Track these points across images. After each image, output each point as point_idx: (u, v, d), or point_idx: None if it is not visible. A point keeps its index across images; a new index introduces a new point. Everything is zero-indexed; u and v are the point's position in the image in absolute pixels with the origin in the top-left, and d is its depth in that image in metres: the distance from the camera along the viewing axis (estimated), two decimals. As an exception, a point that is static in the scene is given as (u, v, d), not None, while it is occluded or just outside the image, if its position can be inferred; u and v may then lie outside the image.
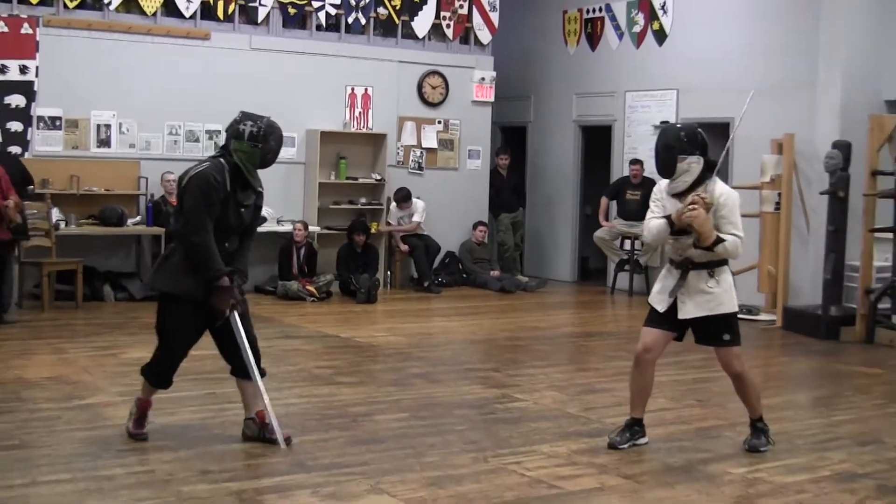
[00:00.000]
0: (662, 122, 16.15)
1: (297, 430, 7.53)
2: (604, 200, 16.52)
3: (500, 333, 12.67)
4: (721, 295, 7.19)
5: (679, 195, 7.10)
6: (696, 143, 7.07)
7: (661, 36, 16.41)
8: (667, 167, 7.10)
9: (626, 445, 7.43)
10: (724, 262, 7.22)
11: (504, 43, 17.80)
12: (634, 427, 7.51)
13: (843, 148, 12.85)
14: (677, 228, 7.02)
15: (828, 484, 6.82)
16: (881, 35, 13.58)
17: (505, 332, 12.74)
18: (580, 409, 8.60)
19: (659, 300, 7.30)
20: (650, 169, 16.19)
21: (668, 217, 7.06)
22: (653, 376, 7.45)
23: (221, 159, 6.99)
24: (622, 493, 6.45)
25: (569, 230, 18.09)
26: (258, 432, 7.22)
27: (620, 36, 17.12)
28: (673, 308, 7.24)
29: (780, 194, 13.75)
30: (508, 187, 17.60)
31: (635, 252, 16.19)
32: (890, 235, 12.53)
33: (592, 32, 17.58)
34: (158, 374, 7.16)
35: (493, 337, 12.45)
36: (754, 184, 14.02)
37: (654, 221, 7.16)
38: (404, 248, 16.15)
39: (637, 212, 16.03)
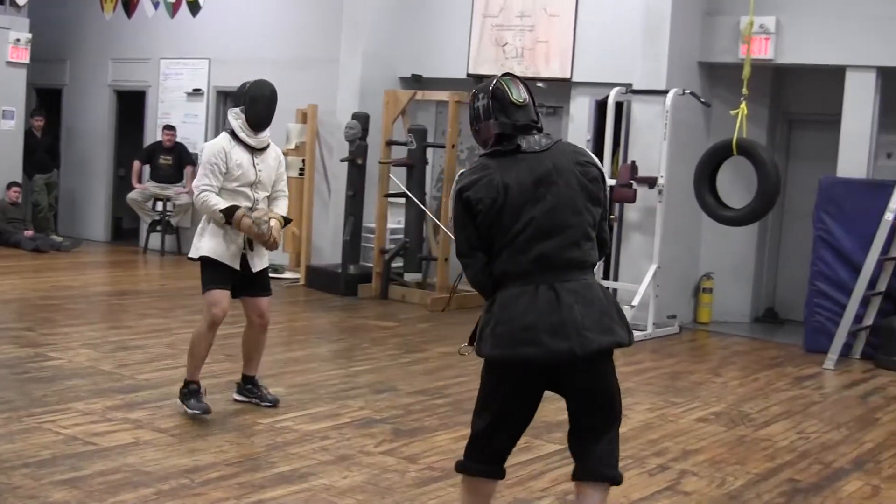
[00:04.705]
0: (196, 90, 15.92)
1: None
2: (136, 164, 15.97)
3: (33, 293, 11.94)
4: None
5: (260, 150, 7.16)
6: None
7: (194, 7, 16.01)
8: (271, 117, 7.23)
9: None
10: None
11: (41, 6, 16.79)
12: (200, 390, 7.15)
13: (362, 119, 13.08)
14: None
15: (349, 430, 6.92)
16: (397, 19, 13.90)
17: (39, 292, 12.02)
18: (114, 367, 8.29)
19: (232, 259, 6.95)
20: (182, 134, 15.92)
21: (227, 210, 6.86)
22: None
23: None
24: (158, 447, 6.26)
25: (103, 191, 17.36)
26: None
27: (157, 5, 16.50)
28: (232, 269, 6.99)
29: (304, 160, 13.79)
30: (43, 148, 16.70)
31: (167, 213, 15.82)
32: (402, 200, 12.91)
33: (128, 0, 16.96)
34: None
35: (26, 297, 11.70)
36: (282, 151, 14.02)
37: (212, 201, 6.87)
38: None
39: (169, 175, 15.76)
